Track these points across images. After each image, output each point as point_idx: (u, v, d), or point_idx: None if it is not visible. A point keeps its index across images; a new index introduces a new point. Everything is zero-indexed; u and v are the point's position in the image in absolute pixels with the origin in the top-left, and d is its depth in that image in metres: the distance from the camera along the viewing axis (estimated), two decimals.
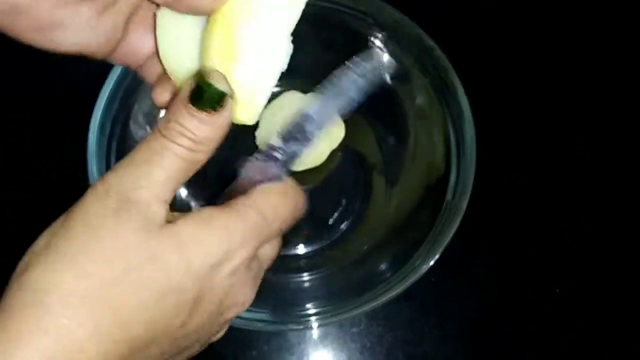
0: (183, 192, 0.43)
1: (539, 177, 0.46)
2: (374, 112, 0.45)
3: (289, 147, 0.25)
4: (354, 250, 0.41)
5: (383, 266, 0.37)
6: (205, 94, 0.21)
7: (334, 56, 0.44)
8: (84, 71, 0.36)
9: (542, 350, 0.43)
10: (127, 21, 0.27)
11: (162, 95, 0.26)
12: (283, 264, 0.42)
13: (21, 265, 0.20)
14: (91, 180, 0.35)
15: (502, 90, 0.48)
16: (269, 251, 0.25)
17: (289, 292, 0.39)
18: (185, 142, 0.21)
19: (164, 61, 0.26)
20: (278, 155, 0.25)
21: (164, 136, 0.21)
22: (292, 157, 0.26)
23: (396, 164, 0.43)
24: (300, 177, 0.45)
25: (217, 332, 0.25)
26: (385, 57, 0.26)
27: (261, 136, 0.44)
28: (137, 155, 0.22)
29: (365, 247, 0.41)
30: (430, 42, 0.37)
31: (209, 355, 0.41)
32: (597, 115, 0.48)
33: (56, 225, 0.21)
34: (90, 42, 0.26)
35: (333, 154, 0.44)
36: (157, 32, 0.26)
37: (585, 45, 0.50)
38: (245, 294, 0.24)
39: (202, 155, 0.22)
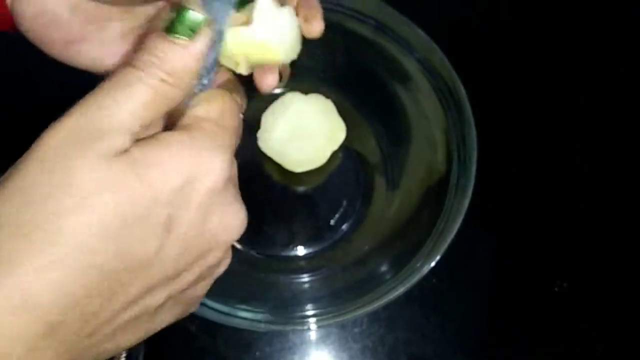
0: None
1: (539, 177, 0.47)
2: (375, 114, 0.45)
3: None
4: (355, 251, 0.41)
5: (384, 267, 0.37)
6: (179, 19, 0.20)
7: (335, 58, 0.45)
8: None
9: (543, 350, 0.43)
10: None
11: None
12: (284, 265, 0.42)
13: None
14: None
15: (504, 92, 0.48)
16: (234, 169, 0.23)
17: (290, 293, 0.39)
18: (157, 71, 0.20)
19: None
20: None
21: (133, 66, 0.20)
22: (211, 67, 0.24)
23: (397, 165, 0.43)
24: (301, 177, 0.45)
25: (219, 261, 0.23)
26: None
27: (263, 137, 0.44)
28: (105, 84, 0.20)
29: (367, 247, 0.41)
30: (432, 44, 0.38)
31: (212, 355, 0.42)
32: (598, 113, 0.48)
33: (9, 170, 0.19)
34: (108, 59, 0.27)
35: (334, 155, 0.44)
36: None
37: (586, 47, 0.50)
38: (235, 214, 0.22)
39: (175, 90, 0.20)
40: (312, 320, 0.34)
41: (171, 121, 0.23)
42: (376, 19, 0.39)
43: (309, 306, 0.35)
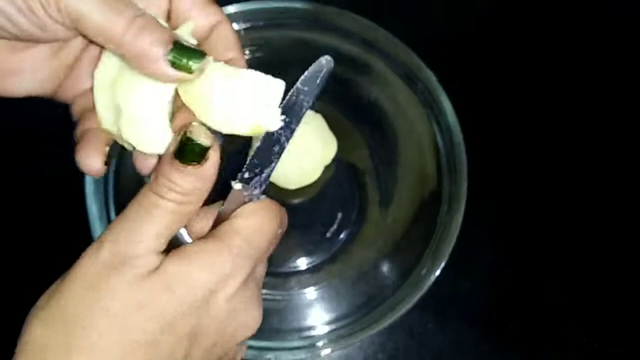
0: None
1: (532, 179, 0.47)
2: (363, 124, 0.46)
3: (259, 175, 0.26)
4: (355, 263, 0.42)
5: (388, 279, 0.38)
6: (187, 149, 0.22)
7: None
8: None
9: (544, 351, 0.44)
10: (77, 58, 0.27)
11: (86, 158, 0.26)
12: (283, 282, 0.43)
13: (26, 322, 0.22)
14: (90, 217, 0.35)
15: (490, 102, 0.49)
16: (261, 270, 0.26)
17: (295, 313, 0.40)
18: (174, 196, 0.22)
19: (96, 103, 0.26)
20: (251, 188, 0.26)
21: (154, 193, 0.22)
22: (264, 180, 0.26)
23: (390, 175, 0.44)
24: (295, 191, 0.46)
25: (236, 352, 0.26)
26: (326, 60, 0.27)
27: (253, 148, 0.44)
28: (129, 213, 0.23)
29: (367, 258, 0.41)
30: (416, 59, 0.38)
31: None
32: (591, 115, 0.49)
33: (55, 284, 0.22)
34: (43, 85, 0.26)
35: (327, 167, 0.45)
36: (96, 74, 0.25)
37: (576, 48, 0.51)
38: (251, 314, 0.25)
39: (192, 206, 0.23)
40: (321, 344, 0.35)
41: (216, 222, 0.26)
42: (362, 37, 0.39)
43: (316, 329, 0.36)
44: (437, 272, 0.35)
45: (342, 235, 0.44)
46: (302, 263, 0.44)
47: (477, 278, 0.45)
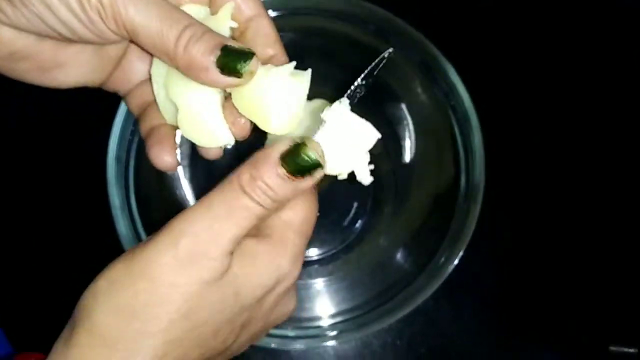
0: (191, 199, 0.44)
1: (547, 170, 0.48)
2: (380, 115, 0.46)
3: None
4: (372, 252, 0.42)
5: (405, 268, 0.38)
6: (300, 162, 0.22)
7: (336, 64, 0.45)
8: (95, 101, 0.36)
9: (555, 340, 0.44)
10: (124, 52, 0.27)
11: (159, 155, 0.26)
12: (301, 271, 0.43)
13: (85, 304, 0.22)
14: (113, 210, 0.36)
15: (507, 93, 0.48)
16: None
17: (312, 302, 0.40)
18: (266, 201, 0.22)
19: (158, 101, 0.26)
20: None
21: (246, 193, 0.22)
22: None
23: (405, 166, 0.44)
24: None
25: (262, 337, 0.27)
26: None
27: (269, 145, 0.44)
28: (214, 209, 0.22)
29: (383, 248, 0.42)
30: (432, 48, 0.38)
31: None
32: (604, 112, 0.49)
33: (118, 268, 0.22)
34: (90, 76, 0.26)
35: None
36: (153, 72, 0.26)
37: (590, 45, 0.50)
38: (291, 305, 0.26)
39: (273, 212, 0.23)
40: (340, 333, 0.35)
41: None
42: (378, 27, 0.39)
43: (335, 318, 0.37)
44: (455, 262, 0.35)
45: (358, 225, 0.45)
46: (318, 252, 0.44)
47: (492, 264, 0.45)
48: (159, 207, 0.39)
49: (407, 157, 0.44)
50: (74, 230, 0.45)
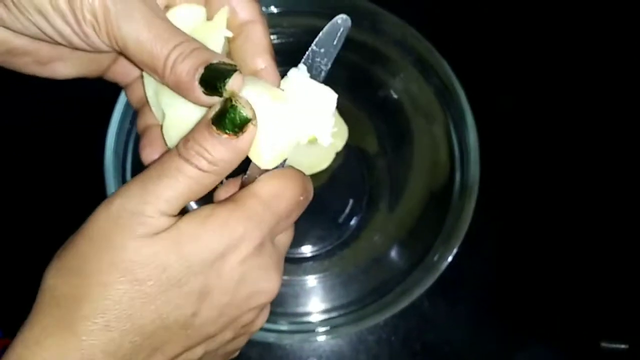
0: (192, 202, 0.44)
1: (542, 167, 0.48)
2: (375, 111, 0.46)
3: None
4: (367, 249, 0.42)
5: (400, 265, 0.39)
6: (228, 116, 0.22)
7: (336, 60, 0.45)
8: (93, 96, 0.36)
9: (550, 333, 0.45)
10: None
11: (150, 156, 0.27)
12: (295, 268, 0.43)
13: (45, 271, 0.22)
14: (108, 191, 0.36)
15: (502, 90, 0.49)
16: (283, 238, 0.26)
17: (308, 298, 0.40)
18: (200, 162, 0.22)
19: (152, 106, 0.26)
20: None
21: (180, 155, 0.22)
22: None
23: (400, 162, 0.44)
24: None
25: (252, 320, 0.25)
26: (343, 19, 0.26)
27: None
28: (149, 172, 0.22)
29: (378, 244, 0.42)
30: (428, 45, 0.38)
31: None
32: (600, 108, 0.49)
33: (71, 237, 0.23)
34: (89, 69, 0.27)
35: (337, 153, 0.45)
36: (145, 76, 0.26)
37: (585, 44, 0.50)
38: (267, 279, 0.24)
39: (213, 178, 0.22)
40: (334, 328, 0.35)
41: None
42: (373, 24, 0.39)
43: (329, 314, 0.37)
44: (450, 259, 0.35)
45: (353, 222, 0.45)
46: (314, 249, 0.44)
47: (486, 260, 0.46)
48: None
49: (403, 154, 0.44)
50: (72, 223, 0.44)
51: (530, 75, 0.49)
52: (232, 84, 0.22)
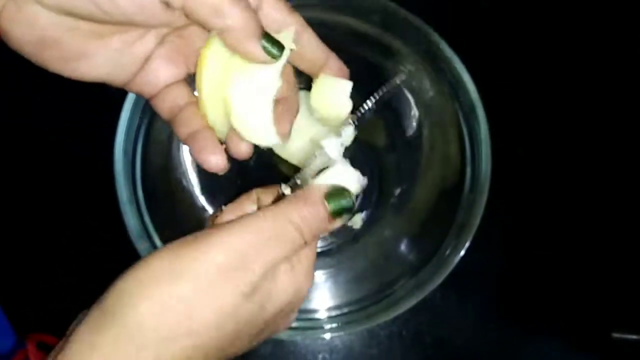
0: (201, 199, 0.44)
1: (552, 162, 0.48)
2: (384, 105, 0.46)
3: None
4: (377, 244, 0.42)
5: (411, 260, 0.38)
6: (340, 201, 0.26)
7: (341, 57, 0.45)
8: (101, 97, 0.36)
9: (561, 324, 0.45)
10: (150, 53, 0.27)
11: (210, 161, 0.28)
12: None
13: (121, 293, 0.22)
14: (120, 201, 0.36)
15: (513, 82, 0.48)
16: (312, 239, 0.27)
17: (315, 293, 0.40)
18: (307, 235, 0.25)
19: (207, 109, 0.28)
20: None
21: (296, 229, 0.25)
22: None
23: (410, 157, 0.44)
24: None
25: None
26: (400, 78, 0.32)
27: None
28: (266, 233, 0.24)
29: (388, 239, 0.42)
30: (437, 37, 0.38)
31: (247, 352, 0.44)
32: (609, 102, 0.49)
33: (163, 260, 0.23)
34: (113, 72, 0.27)
35: (346, 149, 0.45)
36: (199, 71, 0.27)
37: (597, 39, 0.50)
38: (300, 302, 0.27)
39: (304, 247, 0.26)
40: (346, 324, 0.35)
41: None
42: (380, 17, 0.39)
43: (341, 309, 0.37)
44: (462, 253, 0.35)
45: (362, 216, 0.45)
46: (324, 244, 0.44)
47: (496, 253, 0.46)
48: (166, 201, 0.39)
49: (413, 148, 0.44)
50: (82, 223, 0.45)
51: (542, 68, 0.49)
52: (285, 54, 0.26)
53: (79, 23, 0.24)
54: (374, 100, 0.30)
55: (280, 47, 0.26)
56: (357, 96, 0.45)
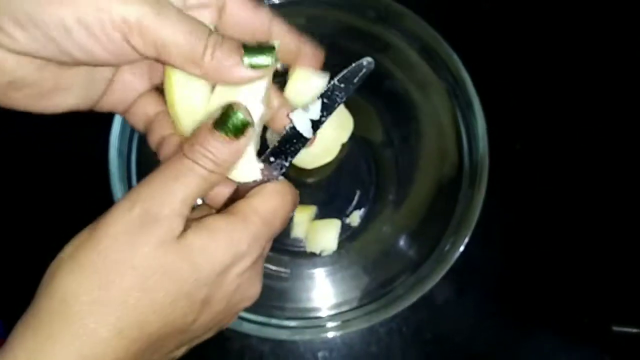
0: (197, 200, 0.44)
1: (550, 156, 0.47)
2: (380, 101, 0.46)
3: (282, 159, 0.28)
4: (376, 240, 0.42)
5: (410, 256, 0.38)
6: (229, 121, 0.24)
7: (338, 53, 0.44)
8: None
9: (561, 318, 0.45)
10: (115, 71, 0.27)
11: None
12: (306, 260, 0.43)
13: (49, 271, 0.23)
14: (115, 197, 0.36)
15: (509, 76, 0.48)
16: (268, 247, 0.27)
17: (314, 292, 0.40)
18: (207, 163, 0.24)
19: (176, 116, 0.26)
20: (272, 169, 0.28)
21: (187, 157, 0.24)
22: (286, 165, 0.28)
23: (407, 152, 0.43)
24: (312, 170, 0.46)
25: (229, 321, 0.28)
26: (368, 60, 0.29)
27: (272, 137, 0.44)
28: (161, 174, 0.24)
29: (387, 236, 0.42)
30: (433, 33, 0.37)
31: (247, 351, 0.44)
32: (612, 97, 0.49)
33: (82, 235, 0.23)
34: (84, 99, 0.26)
35: (343, 145, 0.45)
36: (169, 89, 0.26)
37: (596, 36, 0.49)
38: (254, 289, 0.27)
39: (218, 177, 0.25)
40: (346, 322, 0.35)
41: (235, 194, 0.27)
42: (378, 13, 0.38)
43: (341, 307, 0.37)
44: (461, 248, 0.35)
45: (361, 213, 0.45)
46: None
47: (494, 248, 0.45)
48: None
49: (409, 144, 0.44)
50: (77, 221, 0.44)
51: (540, 64, 0.49)
52: (274, 56, 0.24)
53: (49, 62, 0.23)
54: (337, 79, 0.28)
55: (269, 50, 0.24)
56: (355, 92, 0.45)
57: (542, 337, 0.45)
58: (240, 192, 0.26)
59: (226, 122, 0.24)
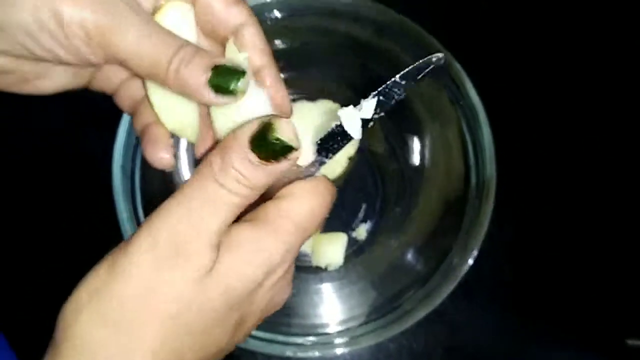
0: None
1: (558, 166, 0.47)
2: (386, 114, 0.45)
3: (324, 156, 0.25)
4: (383, 254, 0.42)
5: (418, 270, 0.38)
6: (270, 146, 0.20)
7: (340, 64, 0.45)
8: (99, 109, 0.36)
9: (575, 332, 0.44)
10: None
11: (155, 155, 0.26)
12: (313, 275, 0.43)
13: (67, 314, 0.21)
14: (120, 217, 0.35)
15: (514, 86, 0.48)
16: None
17: (322, 307, 0.40)
18: (242, 190, 0.21)
19: (157, 109, 0.26)
20: (312, 165, 0.25)
21: (220, 184, 0.21)
22: (325, 162, 0.25)
23: (413, 164, 0.43)
24: None
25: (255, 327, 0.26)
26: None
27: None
28: (189, 201, 0.21)
29: (394, 249, 0.41)
30: (437, 43, 0.37)
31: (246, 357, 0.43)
32: (615, 104, 0.48)
33: (100, 274, 0.21)
34: (72, 82, 0.26)
35: (349, 158, 0.44)
36: (146, 85, 0.26)
37: (599, 39, 0.49)
38: (285, 295, 0.25)
39: (253, 199, 0.22)
40: (355, 338, 0.34)
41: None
42: (380, 24, 0.38)
43: (348, 323, 0.36)
44: (470, 262, 0.34)
45: (367, 227, 0.44)
46: None
47: (505, 260, 0.45)
48: None
49: (415, 156, 0.43)
50: (82, 239, 0.44)
51: (544, 72, 0.48)
52: (246, 82, 0.22)
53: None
54: (399, 76, 0.24)
55: (237, 77, 0.22)
56: (355, 101, 0.45)
57: (556, 351, 0.44)
58: (274, 187, 0.23)
59: (266, 146, 0.20)
